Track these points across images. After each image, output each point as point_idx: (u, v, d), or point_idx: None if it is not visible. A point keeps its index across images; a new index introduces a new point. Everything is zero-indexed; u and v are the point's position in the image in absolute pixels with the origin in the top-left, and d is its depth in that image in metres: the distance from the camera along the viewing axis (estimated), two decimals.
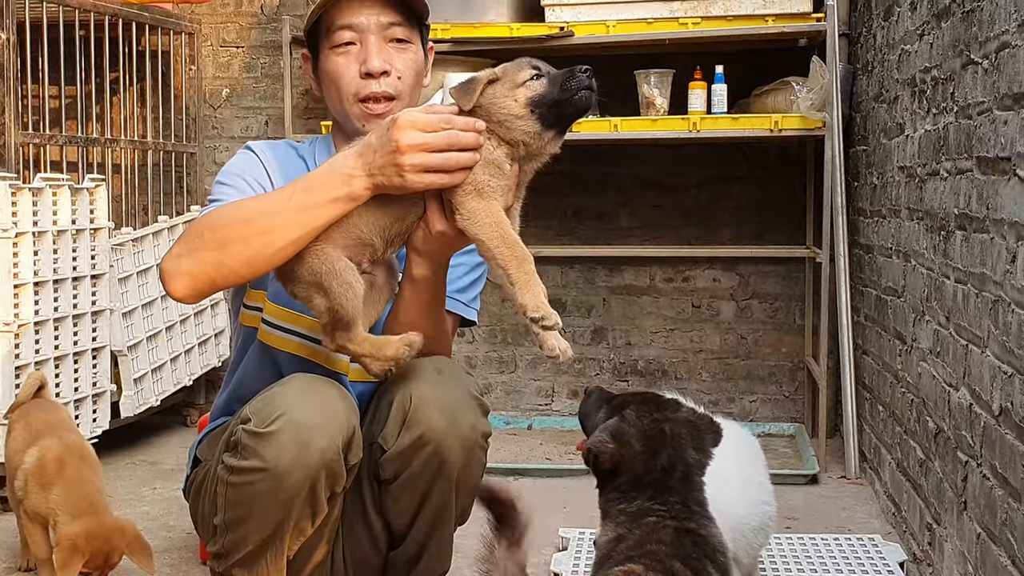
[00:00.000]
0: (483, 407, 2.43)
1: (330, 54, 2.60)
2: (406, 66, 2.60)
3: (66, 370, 4.56)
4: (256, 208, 2.29)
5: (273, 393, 2.34)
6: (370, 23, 2.56)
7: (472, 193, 2.20)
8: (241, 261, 2.24)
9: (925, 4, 3.75)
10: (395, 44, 2.59)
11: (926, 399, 3.60)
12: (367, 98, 2.56)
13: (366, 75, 2.55)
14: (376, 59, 2.55)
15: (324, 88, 2.66)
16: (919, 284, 3.75)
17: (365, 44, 2.57)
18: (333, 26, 2.58)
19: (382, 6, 2.58)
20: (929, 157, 3.63)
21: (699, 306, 5.82)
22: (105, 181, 4.87)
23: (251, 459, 2.29)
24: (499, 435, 5.50)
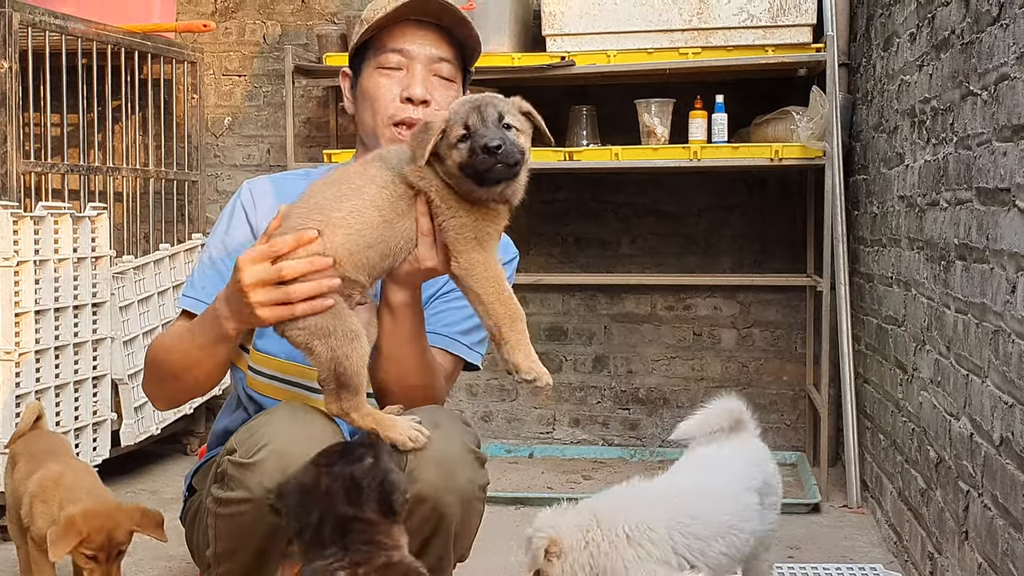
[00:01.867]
0: (480, 459, 2.41)
1: (374, 73, 2.61)
2: (445, 102, 2.58)
3: (67, 398, 4.57)
4: (176, 347, 2.44)
5: (258, 423, 2.34)
6: (421, 52, 2.58)
7: (471, 242, 2.19)
8: (183, 391, 2.51)
9: (925, 35, 3.78)
10: (439, 80, 2.60)
11: (927, 428, 3.60)
12: (401, 123, 2.57)
13: (406, 100, 2.56)
14: (419, 86, 2.56)
15: (359, 106, 2.66)
16: (920, 313, 3.76)
17: (411, 71, 2.58)
18: (384, 47, 2.59)
19: (437, 39, 2.60)
20: (929, 187, 3.65)
21: (700, 334, 5.83)
22: (107, 209, 4.89)
23: (237, 490, 2.28)
24: (500, 464, 5.50)
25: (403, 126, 2.56)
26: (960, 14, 3.29)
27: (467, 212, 2.19)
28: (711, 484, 3.05)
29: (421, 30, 2.59)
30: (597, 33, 5.21)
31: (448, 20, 2.59)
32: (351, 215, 2.22)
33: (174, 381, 2.46)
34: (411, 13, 2.56)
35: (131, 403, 4.91)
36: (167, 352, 2.46)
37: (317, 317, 2.18)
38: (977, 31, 3.09)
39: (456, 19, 2.59)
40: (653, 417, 5.84)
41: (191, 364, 2.40)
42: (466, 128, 2.14)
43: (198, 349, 2.37)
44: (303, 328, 2.19)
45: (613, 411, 5.89)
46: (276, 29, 6.12)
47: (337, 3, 6.05)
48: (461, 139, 2.15)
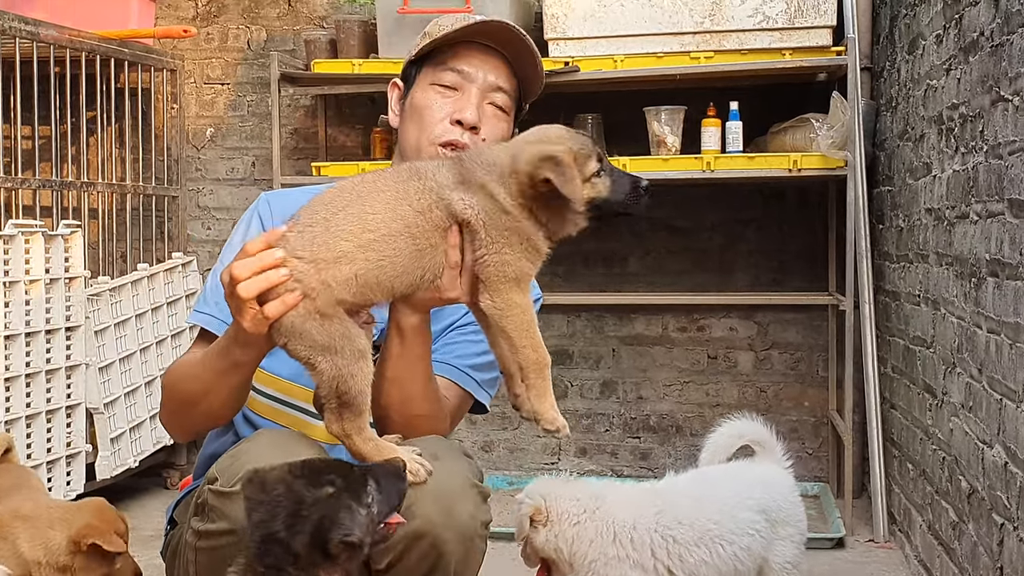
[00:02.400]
0: (483, 494, 2.40)
1: (429, 89, 2.63)
2: (494, 133, 2.63)
3: (38, 429, 4.56)
4: (190, 374, 2.42)
5: (240, 449, 2.33)
6: (480, 77, 2.61)
7: (511, 281, 2.21)
8: (200, 420, 2.48)
9: (952, 37, 3.78)
10: (493, 109, 2.63)
11: (958, 457, 3.59)
12: (447, 144, 2.59)
13: (456, 122, 2.59)
14: (472, 111, 2.59)
15: (405, 119, 2.69)
16: (949, 334, 3.75)
17: (466, 94, 2.61)
18: (444, 64, 2.62)
19: (498, 67, 2.63)
20: (958, 199, 3.65)
21: (715, 357, 5.82)
22: (81, 227, 4.89)
23: (219, 521, 2.28)
24: (502, 497, 5.48)
25: (449, 147, 2.58)
26: (990, 14, 3.30)
27: (512, 250, 2.21)
28: (705, 493, 3.31)
29: (484, 54, 2.62)
30: (603, 37, 5.22)
31: (512, 51, 2.62)
32: (384, 240, 2.19)
33: (191, 409, 2.44)
34: (480, 36, 2.60)
35: (107, 434, 4.91)
36: (182, 380, 2.45)
37: (323, 333, 2.16)
38: (1008, 32, 3.10)
39: (522, 50, 2.63)
40: (665, 446, 5.83)
41: (206, 391, 2.39)
42: (600, 162, 2.24)
43: (216, 375, 2.35)
44: (309, 345, 2.18)
45: (622, 440, 5.88)
46: (261, 34, 6.14)
47: (326, 7, 6.07)
48: (596, 174, 2.25)
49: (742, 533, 3.24)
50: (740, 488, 3.35)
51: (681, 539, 3.17)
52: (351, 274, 2.16)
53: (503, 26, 2.59)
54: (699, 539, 3.18)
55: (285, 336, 2.20)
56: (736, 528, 3.24)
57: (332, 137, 6.02)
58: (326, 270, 2.15)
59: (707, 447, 3.62)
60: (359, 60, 5.48)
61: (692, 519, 3.21)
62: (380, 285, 2.20)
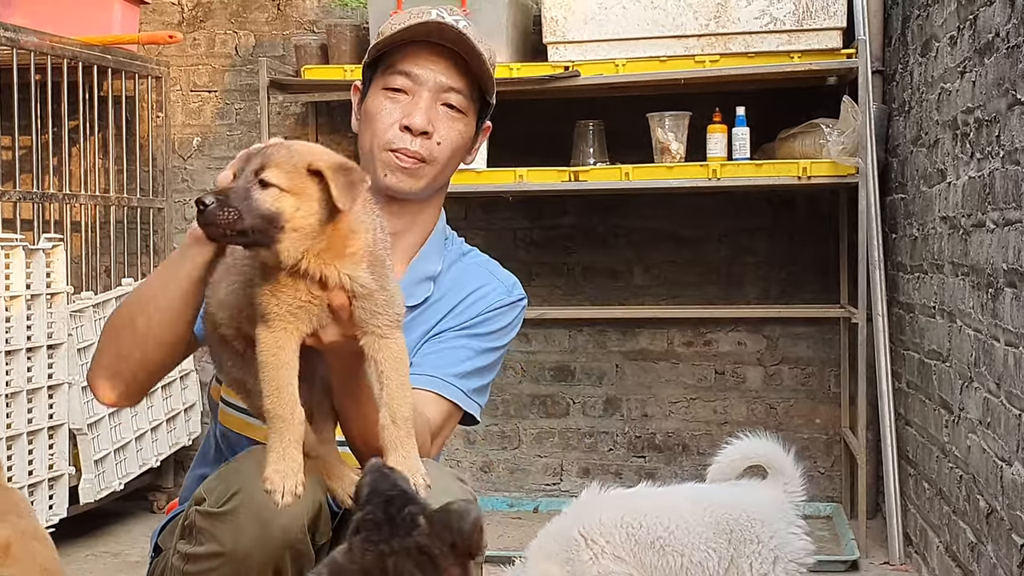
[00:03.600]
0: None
1: (379, 94, 2.63)
2: (449, 135, 2.62)
3: (19, 451, 4.55)
4: (139, 288, 2.42)
5: (229, 469, 2.32)
6: (429, 79, 2.60)
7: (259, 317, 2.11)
8: (133, 345, 2.36)
9: (966, 39, 3.79)
10: (447, 109, 2.62)
11: (976, 475, 3.59)
12: (397, 151, 2.59)
13: (405, 128, 2.58)
14: (420, 116, 2.58)
15: (361, 126, 2.70)
16: (966, 347, 3.75)
17: (416, 97, 2.60)
18: (392, 68, 2.62)
19: (448, 67, 2.61)
20: (974, 206, 3.65)
21: (723, 372, 5.82)
22: (63, 241, 4.89)
23: (207, 543, 2.27)
24: (502, 519, 5.48)
25: (399, 154, 2.58)
26: (1005, 15, 3.30)
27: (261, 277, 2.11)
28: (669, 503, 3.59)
29: (434, 55, 2.60)
30: (604, 40, 5.23)
31: (465, 47, 2.61)
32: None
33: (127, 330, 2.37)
34: (424, 35, 2.59)
35: (91, 456, 4.90)
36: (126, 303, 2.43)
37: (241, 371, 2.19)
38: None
39: (470, 52, 2.61)
40: (672, 465, 5.82)
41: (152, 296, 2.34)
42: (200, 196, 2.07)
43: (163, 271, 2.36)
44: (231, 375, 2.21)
45: (627, 459, 5.87)
46: (249, 40, 6.15)
47: (316, 11, 6.08)
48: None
49: (697, 548, 3.48)
50: (708, 505, 3.56)
51: (640, 540, 3.48)
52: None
53: (445, 25, 2.57)
54: (650, 545, 3.46)
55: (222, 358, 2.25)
56: (689, 542, 3.49)
57: (324, 145, 6.00)
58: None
59: (713, 469, 3.70)
60: (351, 66, 5.48)
61: (649, 524, 3.50)
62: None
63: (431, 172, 2.62)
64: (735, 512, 3.51)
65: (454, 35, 2.58)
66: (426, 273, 2.65)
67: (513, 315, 2.71)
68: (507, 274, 2.77)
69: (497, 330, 2.67)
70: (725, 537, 3.48)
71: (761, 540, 3.49)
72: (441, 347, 2.61)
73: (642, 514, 3.51)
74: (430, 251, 2.69)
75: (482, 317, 2.65)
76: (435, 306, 2.63)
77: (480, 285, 2.69)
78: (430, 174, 2.61)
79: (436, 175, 2.63)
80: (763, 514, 3.52)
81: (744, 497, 3.57)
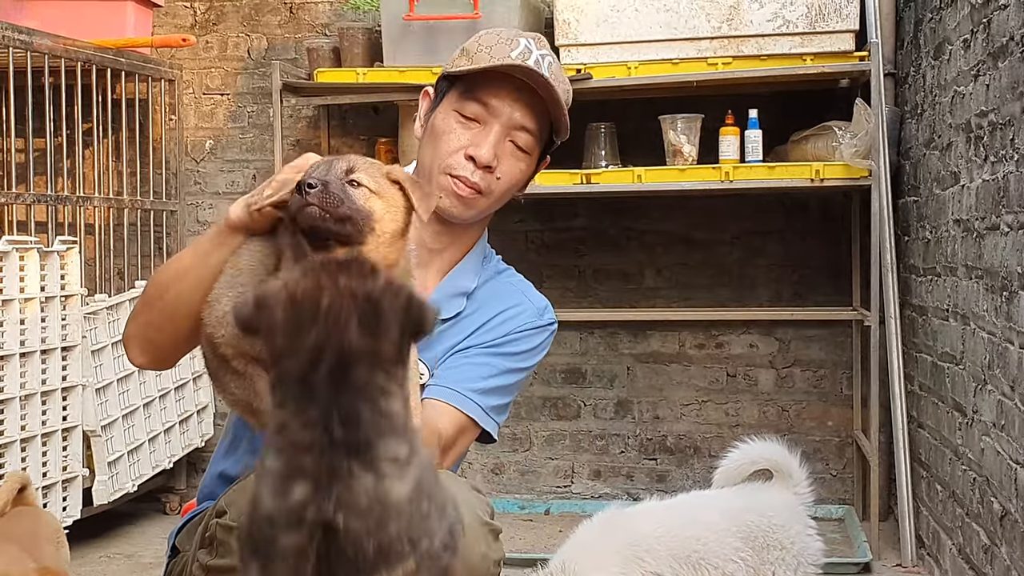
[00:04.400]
0: (495, 531, 2.37)
1: (451, 113, 2.60)
2: (510, 173, 2.60)
3: (33, 452, 4.57)
4: (172, 260, 2.43)
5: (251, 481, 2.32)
6: (505, 113, 2.57)
7: None
8: (163, 317, 2.36)
9: (980, 42, 3.79)
10: (514, 146, 2.60)
11: (990, 477, 3.59)
12: (457, 177, 2.57)
13: (469, 157, 2.56)
14: (487, 150, 2.56)
15: (425, 136, 2.66)
16: (980, 350, 3.75)
17: (487, 129, 2.57)
18: (471, 94, 2.58)
19: (525, 107, 2.58)
20: (988, 209, 3.65)
21: (734, 375, 5.82)
22: (77, 243, 4.91)
23: (228, 557, 2.26)
24: (513, 521, 5.49)
25: (458, 181, 2.56)
26: (1020, 18, 3.30)
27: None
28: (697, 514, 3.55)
29: (516, 91, 2.57)
30: (616, 43, 5.24)
31: (547, 94, 2.57)
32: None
33: (158, 301, 2.38)
34: (515, 73, 2.54)
35: (105, 457, 4.91)
36: (163, 268, 2.45)
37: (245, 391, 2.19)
38: None
39: (551, 98, 2.58)
40: (683, 468, 5.83)
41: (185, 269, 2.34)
42: (302, 181, 2.09)
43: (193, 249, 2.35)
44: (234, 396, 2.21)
45: (638, 461, 5.87)
46: (262, 43, 6.16)
47: (328, 14, 6.09)
48: (297, 188, 2.09)
49: (726, 559, 3.41)
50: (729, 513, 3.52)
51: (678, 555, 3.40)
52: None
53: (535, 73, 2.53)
54: (687, 557, 3.38)
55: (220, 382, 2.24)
56: (721, 552, 3.42)
57: (336, 149, 6.03)
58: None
59: (720, 472, 3.70)
60: (363, 69, 5.50)
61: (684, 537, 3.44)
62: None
63: (484, 204, 2.60)
64: (756, 518, 3.49)
65: (541, 81, 2.54)
66: (459, 289, 2.64)
67: (541, 339, 2.70)
68: (540, 297, 2.75)
69: (523, 351, 2.65)
70: (750, 544, 3.44)
71: (784, 546, 3.47)
72: (464, 362, 2.59)
73: (675, 527, 3.46)
74: (466, 268, 2.68)
75: (510, 337, 2.63)
76: (464, 321, 2.62)
77: (512, 305, 2.67)
78: (483, 205, 2.60)
79: (488, 206, 2.62)
80: (782, 518, 3.50)
81: (762, 502, 3.56)
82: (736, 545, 3.43)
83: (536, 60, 2.54)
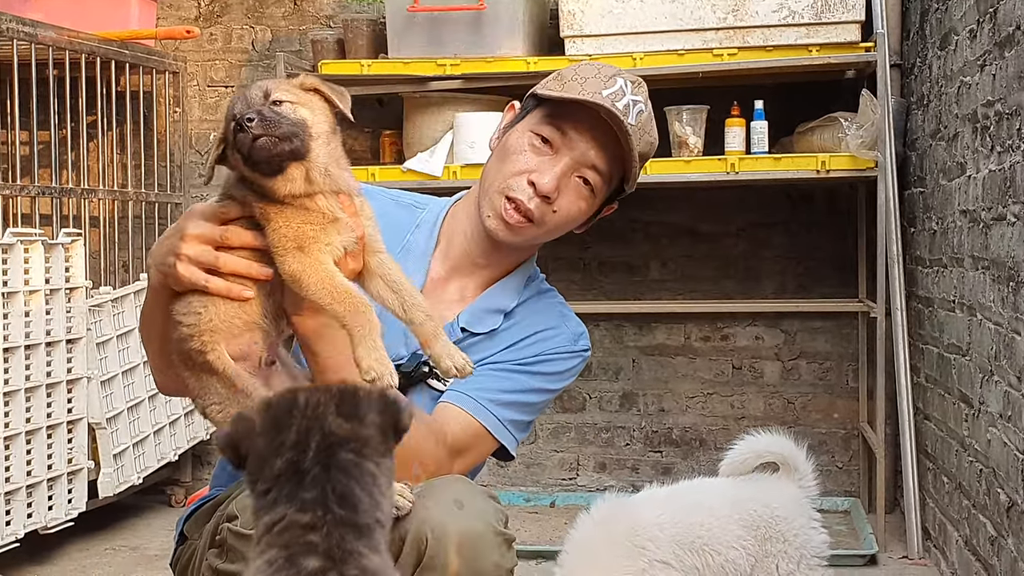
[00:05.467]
0: (508, 540, 2.36)
1: (527, 133, 2.56)
2: (567, 209, 2.56)
3: (39, 445, 4.58)
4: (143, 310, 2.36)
5: None
6: (579, 148, 2.52)
7: (293, 251, 2.11)
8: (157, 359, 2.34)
9: (986, 32, 3.78)
10: (580, 183, 2.55)
11: (996, 469, 3.59)
12: (512, 200, 2.53)
13: (531, 183, 2.52)
14: (550, 179, 2.51)
15: (496, 151, 2.63)
16: (986, 341, 3.75)
17: (557, 158, 2.52)
18: (551, 118, 2.54)
19: (602, 148, 2.53)
20: (995, 200, 3.64)
21: (740, 367, 5.82)
22: (82, 236, 4.91)
23: (238, 562, 2.24)
24: (519, 514, 5.49)
25: (512, 204, 2.52)
26: None
27: (279, 216, 2.13)
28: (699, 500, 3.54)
29: (596, 130, 2.51)
30: (621, 34, 5.23)
31: (624, 142, 2.52)
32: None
33: (148, 350, 2.39)
34: (601, 112, 2.49)
35: (110, 450, 4.92)
36: (140, 317, 2.41)
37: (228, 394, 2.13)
38: None
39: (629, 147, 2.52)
40: (688, 460, 5.83)
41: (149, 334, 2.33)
42: (235, 120, 2.08)
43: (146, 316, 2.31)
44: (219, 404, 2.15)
45: (644, 454, 5.88)
46: (266, 35, 6.16)
47: (333, 6, 6.08)
48: (232, 132, 2.10)
49: (728, 545, 3.40)
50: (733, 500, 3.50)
51: (682, 541, 3.39)
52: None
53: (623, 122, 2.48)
54: (691, 543, 3.38)
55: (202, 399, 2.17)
56: (724, 539, 3.41)
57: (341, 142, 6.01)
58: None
59: (725, 464, 3.67)
60: (368, 61, 5.49)
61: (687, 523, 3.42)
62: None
63: (533, 233, 2.57)
64: (760, 508, 3.47)
65: (623, 128, 2.49)
66: (498, 305, 2.61)
67: (571, 364, 2.66)
68: (578, 323, 2.72)
69: (552, 373, 2.62)
70: (752, 533, 3.43)
71: (787, 538, 3.45)
72: (489, 372, 2.55)
73: (678, 514, 3.44)
74: (508, 286, 2.65)
75: (541, 357, 2.60)
76: (499, 336, 2.59)
77: (549, 327, 2.64)
78: (531, 235, 2.56)
79: (536, 236, 2.58)
80: (786, 510, 3.49)
81: (766, 493, 3.53)
82: (739, 532, 3.42)
83: (627, 105, 2.49)
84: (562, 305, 2.76)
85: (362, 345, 2.07)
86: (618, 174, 2.59)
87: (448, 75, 5.32)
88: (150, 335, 2.32)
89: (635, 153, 2.53)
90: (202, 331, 2.12)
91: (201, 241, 2.15)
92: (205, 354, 2.12)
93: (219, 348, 2.13)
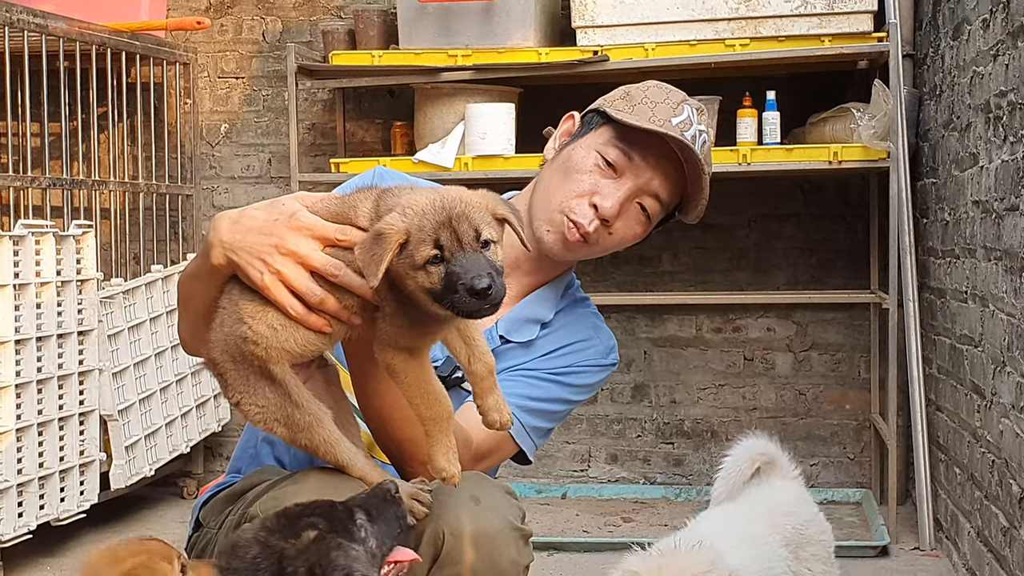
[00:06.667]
0: (524, 536, 2.36)
1: (590, 150, 2.57)
2: (623, 232, 2.59)
3: (51, 437, 4.60)
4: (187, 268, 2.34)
5: (284, 491, 2.29)
6: (644, 176, 2.54)
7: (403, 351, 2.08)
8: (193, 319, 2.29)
9: (999, 21, 3.78)
10: (638, 210, 2.57)
11: (1009, 460, 3.59)
12: (574, 220, 2.54)
13: (593, 206, 2.54)
14: (613, 204, 2.53)
15: (555, 164, 2.64)
16: (999, 331, 3.75)
17: (620, 183, 2.54)
18: (620, 141, 2.55)
19: (666, 178, 2.55)
20: (1007, 190, 3.64)
21: (752, 359, 5.82)
22: (93, 227, 4.93)
23: None
24: (531, 505, 5.50)
25: (572, 224, 2.53)
26: None
27: (404, 313, 2.05)
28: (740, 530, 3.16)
29: (663, 159, 2.53)
30: (633, 24, 5.23)
31: (692, 173, 2.55)
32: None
33: (183, 308, 2.37)
34: (672, 143, 2.51)
35: (121, 441, 4.94)
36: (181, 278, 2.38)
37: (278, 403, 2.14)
38: None
39: (698, 178, 2.54)
40: (700, 452, 5.83)
41: (189, 294, 2.30)
42: (438, 248, 1.94)
43: (191, 277, 2.28)
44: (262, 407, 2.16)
45: (655, 446, 5.88)
46: (277, 26, 6.17)
47: None
48: (431, 261, 1.95)
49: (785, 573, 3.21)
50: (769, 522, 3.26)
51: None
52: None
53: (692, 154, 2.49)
54: None
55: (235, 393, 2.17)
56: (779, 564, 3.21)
57: (351, 132, 6.04)
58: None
59: (721, 479, 3.47)
60: (379, 51, 5.50)
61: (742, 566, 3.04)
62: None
63: (585, 252, 2.60)
64: (787, 519, 3.30)
65: (692, 160, 2.51)
66: (536, 316, 2.63)
67: (599, 377, 2.70)
68: (610, 336, 2.74)
69: (580, 385, 2.65)
70: (792, 550, 3.25)
71: (815, 540, 3.30)
72: (519, 379, 2.58)
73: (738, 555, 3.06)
74: (547, 296, 2.67)
75: (573, 369, 2.62)
76: (535, 345, 2.61)
77: (583, 339, 2.66)
78: (583, 254, 2.59)
79: (588, 255, 2.62)
80: (805, 512, 3.34)
81: (783, 500, 3.37)
82: (783, 553, 3.22)
83: (694, 135, 2.50)
84: (596, 316, 2.77)
85: (439, 445, 2.11)
86: (675, 202, 2.61)
87: (459, 66, 5.33)
88: (189, 304, 2.30)
89: (706, 185, 2.55)
90: (271, 346, 2.08)
91: (313, 236, 2.07)
92: (268, 364, 2.09)
93: (285, 364, 2.11)
